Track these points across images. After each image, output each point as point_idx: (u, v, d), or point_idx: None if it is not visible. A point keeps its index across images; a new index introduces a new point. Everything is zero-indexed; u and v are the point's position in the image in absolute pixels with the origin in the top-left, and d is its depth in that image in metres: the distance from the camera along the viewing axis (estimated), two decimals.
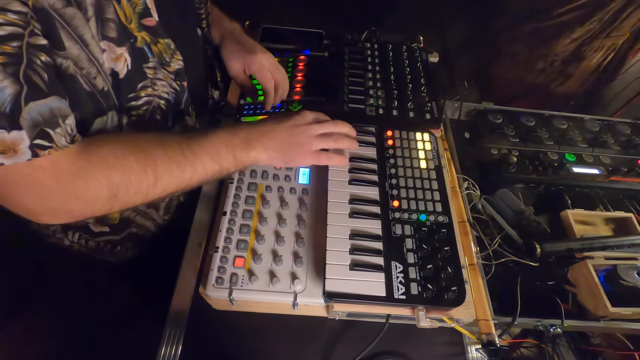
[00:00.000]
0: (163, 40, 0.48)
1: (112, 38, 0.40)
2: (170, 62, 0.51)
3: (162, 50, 0.49)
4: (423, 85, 0.79)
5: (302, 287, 0.55)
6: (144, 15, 0.44)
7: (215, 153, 0.48)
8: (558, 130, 0.90)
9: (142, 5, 0.43)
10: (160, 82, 0.51)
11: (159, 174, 0.43)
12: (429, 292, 0.53)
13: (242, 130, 0.52)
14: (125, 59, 0.43)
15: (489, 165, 0.81)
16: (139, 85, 0.47)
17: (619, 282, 0.65)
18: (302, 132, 0.55)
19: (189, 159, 0.46)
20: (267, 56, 0.67)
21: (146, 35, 0.45)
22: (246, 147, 0.50)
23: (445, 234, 0.58)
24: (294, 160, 0.55)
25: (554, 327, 0.64)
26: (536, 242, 0.63)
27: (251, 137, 0.51)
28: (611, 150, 0.87)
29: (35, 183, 0.36)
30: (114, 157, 0.40)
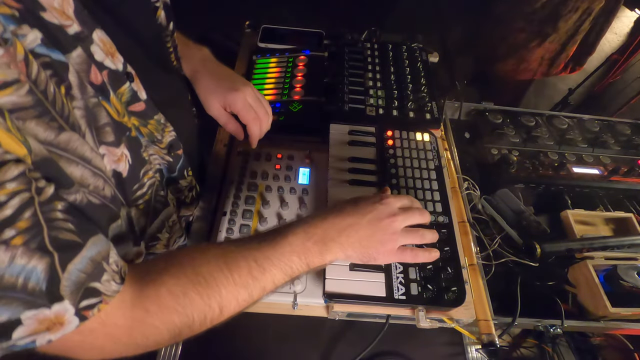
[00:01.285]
0: (153, 120, 0.44)
1: (109, 142, 0.36)
2: (162, 139, 0.47)
3: (153, 129, 0.45)
4: (423, 85, 0.79)
5: (302, 287, 0.55)
6: (131, 103, 0.40)
7: (287, 266, 0.42)
8: (558, 130, 0.90)
9: (129, 93, 0.39)
10: (153, 157, 0.47)
11: (225, 304, 0.38)
12: (429, 293, 0.53)
13: (317, 228, 0.45)
14: (126, 155, 0.40)
15: (489, 165, 0.81)
16: (141, 173, 0.44)
17: (619, 282, 0.65)
18: (386, 228, 0.47)
19: (258, 279, 0.40)
20: (249, 90, 0.60)
21: (135, 120, 0.42)
22: (321, 252, 0.44)
23: (445, 234, 0.58)
24: (374, 260, 0.47)
25: (554, 327, 0.64)
26: (536, 242, 0.64)
27: (327, 237, 0.44)
28: (611, 150, 0.87)
29: (89, 346, 0.33)
30: (174, 298, 0.35)
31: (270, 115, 0.63)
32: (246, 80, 0.61)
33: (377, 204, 0.48)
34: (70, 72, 0.31)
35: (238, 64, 0.86)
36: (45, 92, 0.28)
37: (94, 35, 0.33)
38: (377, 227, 0.46)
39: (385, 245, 0.47)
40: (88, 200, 0.35)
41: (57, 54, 0.29)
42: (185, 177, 0.56)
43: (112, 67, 0.36)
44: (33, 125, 0.28)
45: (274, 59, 0.84)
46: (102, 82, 0.34)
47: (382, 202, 0.48)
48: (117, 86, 0.37)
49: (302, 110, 0.74)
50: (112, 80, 0.36)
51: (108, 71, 0.35)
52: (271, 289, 0.42)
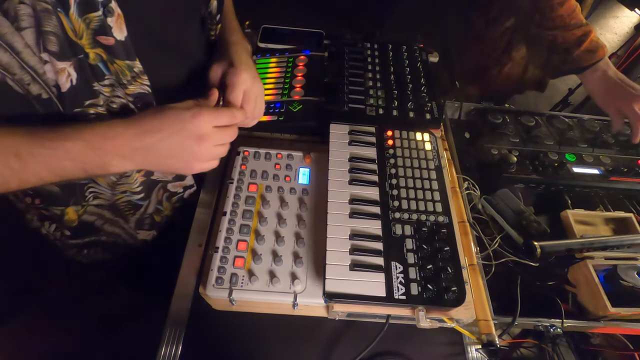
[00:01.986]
0: (122, 62, 0.43)
1: (52, 52, 0.38)
2: (128, 85, 0.46)
3: (119, 71, 0.44)
4: (423, 85, 0.79)
5: (302, 287, 0.55)
6: (99, 32, 0.40)
7: (57, 167, 0.41)
8: (558, 130, 0.90)
9: (98, 23, 0.39)
10: (119, 99, 0.47)
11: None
12: (429, 293, 0.53)
13: (107, 140, 0.41)
14: (69, 74, 0.40)
15: (489, 165, 0.81)
16: (86, 102, 0.44)
17: (619, 282, 0.65)
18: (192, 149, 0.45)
19: (16, 170, 0.39)
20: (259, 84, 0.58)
21: (102, 52, 0.42)
22: (104, 165, 0.42)
23: (445, 234, 0.58)
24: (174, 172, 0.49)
25: (554, 327, 0.64)
26: (536, 242, 0.63)
27: (117, 152, 0.42)
28: (611, 150, 0.87)
29: None
30: None
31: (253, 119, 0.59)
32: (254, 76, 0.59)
33: (186, 123, 0.44)
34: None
35: None
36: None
37: None
38: (180, 149, 0.44)
39: (189, 163, 0.46)
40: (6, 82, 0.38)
41: None
42: None
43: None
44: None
45: (274, 59, 0.84)
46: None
47: (192, 121, 0.44)
48: (86, 10, 0.38)
49: (302, 110, 0.74)
50: (83, 2, 0.37)
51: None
52: (37, 182, 0.41)
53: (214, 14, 0.54)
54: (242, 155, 0.67)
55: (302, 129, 0.74)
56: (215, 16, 0.55)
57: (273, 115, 0.73)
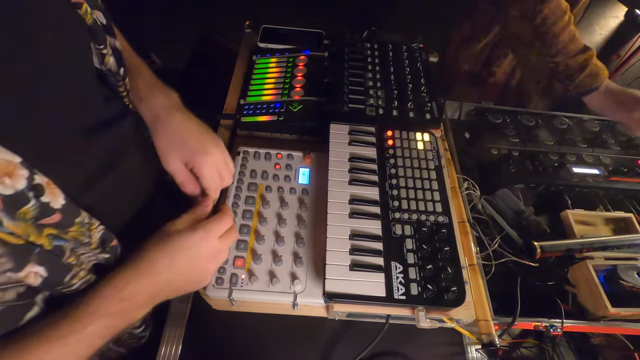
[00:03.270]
0: (75, 226, 0.38)
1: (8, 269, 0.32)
2: (90, 240, 0.41)
3: (77, 235, 0.39)
4: (423, 85, 0.79)
5: (302, 288, 0.55)
6: (41, 217, 0.34)
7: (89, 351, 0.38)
8: (558, 130, 0.90)
9: (36, 210, 0.33)
10: (85, 255, 0.42)
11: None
12: (429, 293, 0.53)
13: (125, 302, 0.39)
14: (36, 272, 0.35)
15: (489, 165, 0.81)
16: (67, 279, 0.39)
17: (619, 282, 0.65)
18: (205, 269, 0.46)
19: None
20: (219, 154, 0.54)
21: (52, 230, 0.36)
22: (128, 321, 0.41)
23: (445, 234, 0.58)
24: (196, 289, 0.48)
25: (554, 327, 0.64)
26: (536, 242, 0.64)
27: (138, 306, 0.41)
28: (611, 150, 0.87)
29: None
30: None
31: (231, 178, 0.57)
32: (217, 140, 0.55)
33: (196, 249, 0.44)
34: None
35: (238, 64, 0.85)
36: None
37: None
38: (197, 272, 0.45)
39: (208, 277, 0.47)
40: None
41: None
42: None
43: (6, 192, 0.30)
44: None
45: (274, 59, 0.84)
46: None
47: (201, 243, 0.44)
48: (17, 208, 0.32)
49: (302, 110, 0.74)
50: (8, 205, 0.31)
51: (2, 197, 0.30)
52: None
53: (115, 71, 0.46)
54: (242, 155, 0.67)
55: (302, 129, 0.74)
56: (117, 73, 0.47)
57: (273, 115, 0.73)
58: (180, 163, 0.52)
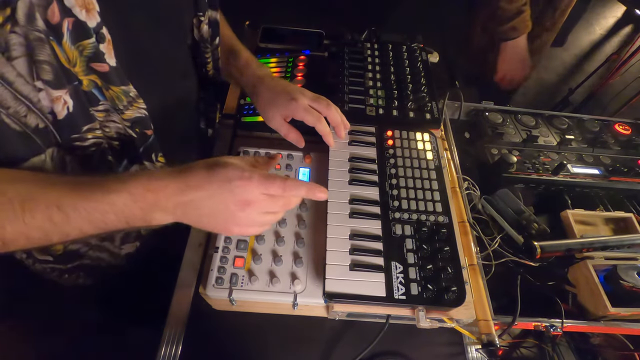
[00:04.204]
0: (117, 88, 0.43)
1: (47, 80, 0.37)
2: (125, 110, 0.46)
3: (115, 97, 0.44)
4: (423, 85, 0.79)
5: (302, 287, 0.55)
6: (93, 59, 0.40)
7: (100, 220, 0.39)
8: (558, 130, 0.90)
9: (92, 50, 0.39)
10: (114, 124, 0.47)
11: (10, 238, 0.37)
12: (429, 293, 0.53)
13: (149, 192, 0.39)
14: (65, 101, 0.40)
15: (489, 165, 0.81)
16: (84, 128, 0.44)
17: (619, 282, 0.65)
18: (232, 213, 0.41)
19: (59, 224, 0.37)
20: (306, 95, 0.61)
21: (97, 78, 0.42)
22: (146, 217, 0.40)
23: (445, 234, 0.58)
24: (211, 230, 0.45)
25: (554, 327, 0.64)
26: (536, 242, 0.63)
27: (158, 205, 0.40)
28: (611, 150, 0.87)
29: None
30: None
31: (334, 106, 0.62)
32: (300, 87, 0.63)
33: (233, 186, 0.40)
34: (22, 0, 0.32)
35: None
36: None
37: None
38: (223, 211, 0.41)
39: (229, 227, 0.43)
40: (1, 120, 0.36)
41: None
42: (152, 161, 0.53)
43: (80, 18, 0.36)
44: None
45: (274, 59, 0.84)
46: (58, 22, 0.35)
47: (240, 184, 0.40)
48: (79, 37, 0.37)
49: None
50: (76, 29, 0.36)
51: (75, 20, 0.36)
52: (78, 235, 0.40)
53: (206, 39, 0.54)
54: (242, 155, 0.67)
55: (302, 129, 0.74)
56: (209, 41, 0.55)
57: None
58: (279, 118, 0.62)
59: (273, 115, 0.62)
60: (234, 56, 0.67)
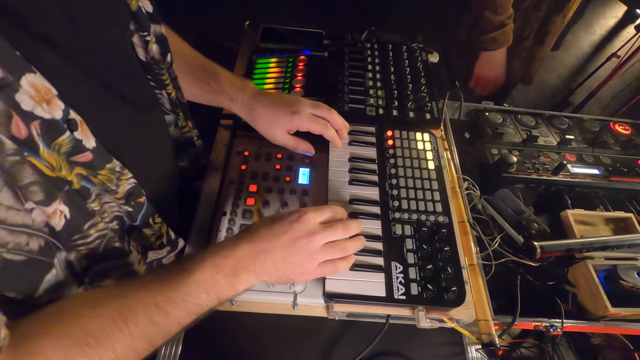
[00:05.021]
0: (104, 171, 0.39)
1: (38, 201, 0.33)
2: (117, 189, 0.42)
3: (105, 180, 0.40)
4: (423, 85, 0.79)
5: (302, 287, 0.55)
6: (74, 153, 0.35)
7: (194, 305, 0.39)
8: (558, 130, 0.90)
9: (70, 144, 0.34)
10: (108, 205, 0.43)
11: (121, 359, 0.35)
12: (429, 293, 0.53)
13: (228, 259, 0.42)
14: (61, 211, 0.36)
15: (489, 165, 0.81)
16: (85, 226, 0.40)
17: (619, 282, 0.65)
18: (303, 248, 0.44)
19: (161, 324, 0.37)
20: (305, 104, 0.60)
21: (82, 170, 0.37)
22: (232, 284, 0.41)
23: (445, 234, 0.58)
24: (293, 280, 0.46)
25: (554, 327, 0.64)
26: (536, 242, 0.63)
27: (239, 267, 0.42)
28: (611, 150, 0.87)
29: None
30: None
31: (334, 111, 0.63)
32: (296, 97, 0.63)
33: (294, 223, 0.45)
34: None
35: (238, 64, 0.86)
36: None
37: (23, 81, 0.28)
38: (293, 249, 0.44)
39: (303, 265, 0.45)
40: (5, 258, 0.32)
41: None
42: (150, 226, 0.50)
43: (45, 116, 0.31)
44: None
45: (274, 59, 0.84)
46: (27, 135, 0.30)
47: (299, 220, 0.45)
48: (53, 137, 0.32)
49: None
50: (46, 131, 0.31)
51: (40, 121, 0.30)
52: (177, 329, 0.39)
53: (158, 59, 0.49)
54: (242, 155, 0.67)
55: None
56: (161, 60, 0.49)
57: None
58: (284, 133, 0.61)
59: (277, 132, 0.61)
60: (214, 80, 0.62)
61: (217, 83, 0.62)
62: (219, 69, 0.63)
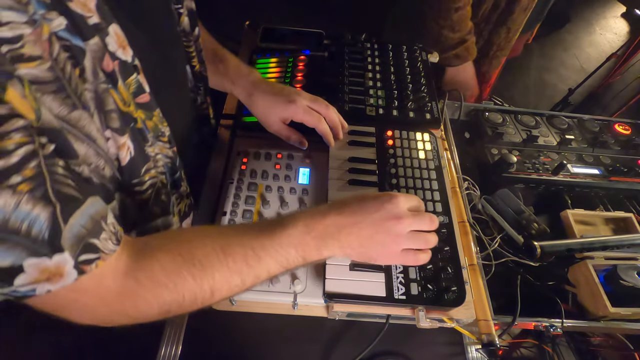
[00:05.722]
0: (155, 112, 0.45)
1: (115, 129, 0.38)
2: (165, 134, 0.47)
3: (156, 122, 0.45)
4: (423, 85, 0.79)
5: (302, 287, 0.55)
6: (138, 94, 0.41)
7: (283, 257, 0.42)
8: (558, 130, 0.90)
9: (136, 84, 0.40)
10: (159, 156, 0.47)
11: (217, 287, 0.39)
12: (429, 293, 0.53)
13: (319, 224, 0.44)
14: (128, 147, 0.40)
15: (489, 165, 0.81)
16: (142, 170, 0.44)
17: (619, 282, 0.65)
18: (390, 229, 0.45)
19: (253, 266, 0.41)
20: (303, 96, 0.62)
21: (142, 113, 0.42)
22: (319, 247, 0.44)
23: (445, 234, 0.58)
24: (374, 260, 0.47)
25: (554, 327, 0.64)
26: (536, 242, 0.63)
27: (327, 234, 0.44)
28: (611, 150, 0.87)
29: (82, 306, 0.35)
30: (166, 275, 0.37)
31: (332, 107, 0.64)
32: (296, 89, 0.64)
33: (385, 203, 0.46)
34: (86, 58, 0.33)
35: None
36: (63, 71, 0.31)
37: (110, 28, 0.35)
38: (380, 228, 0.45)
39: (387, 247, 0.46)
40: (88, 177, 0.37)
41: (77, 39, 0.32)
42: (183, 179, 0.55)
43: (122, 57, 0.38)
44: (50, 100, 0.30)
45: (274, 59, 0.84)
46: (112, 70, 0.36)
47: (390, 201, 0.46)
48: (126, 76, 0.39)
49: None
50: (122, 70, 0.38)
51: (119, 61, 0.37)
52: (265, 277, 0.42)
53: (188, 31, 0.54)
54: (242, 155, 0.67)
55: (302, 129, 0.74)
56: (190, 32, 0.54)
57: None
58: (279, 122, 0.63)
59: (273, 120, 0.63)
60: (222, 63, 0.65)
61: (224, 66, 0.65)
62: (228, 54, 0.67)
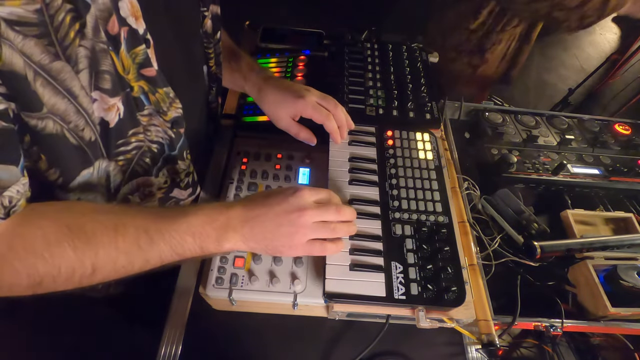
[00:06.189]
0: (162, 90, 0.46)
1: (105, 89, 0.39)
2: (167, 111, 0.48)
3: (160, 99, 0.46)
4: (423, 85, 0.79)
5: (302, 287, 0.55)
6: (144, 66, 0.42)
7: (179, 244, 0.41)
8: (558, 130, 0.90)
9: (143, 56, 0.41)
10: (155, 128, 0.49)
11: (100, 265, 0.38)
12: (429, 293, 0.53)
13: (222, 215, 0.44)
14: (118, 108, 0.41)
15: (489, 165, 0.81)
16: (130, 132, 0.45)
17: (619, 282, 0.65)
18: (293, 221, 0.45)
19: (144, 249, 0.40)
20: (312, 92, 0.62)
21: (144, 84, 0.43)
22: (219, 239, 0.43)
23: (445, 234, 0.58)
24: (280, 253, 0.47)
25: (554, 327, 0.64)
26: (536, 242, 0.63)
27: (229, 225, 0.44)
28: (611, 150, 0.87)
29: None
30: (45, 244, 0.36)
31: (340, 106, 0.63)
32: (306, 86, 0.63)
33: (289, 197, 0.46)
34: (89, 13, 0.33)
35: None
36: (53, 17, 0.30)
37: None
38: (283, 220, 0.45)
39: (292, 238, 0.46)
40: (64, 134, 0.38)
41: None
42: (184, 159, 0.56)
43: (133, 26, 0.38)
44: (32, 44, 0.30)
45: (274, 59, 0.84)
46: (117, 33, 0.37)
47: (294, 194, 0.47)
48: (134, 45, 0.39)
49: None
50: (130, 38, 0.38)
51: (129, 28, 0.38)
52: (156, 263, 0.41)
53: (210, 33, 0.56)
54: (242, 155, 0.67)
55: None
56: (212, 35, 0.56)
57: None
58: (288, 118, 0.62)
59: (282, 115, 0.62)
60: (236, 60, 0.66)
61: (237, 62, 0.66)
62: (243, 53, 0.68)
